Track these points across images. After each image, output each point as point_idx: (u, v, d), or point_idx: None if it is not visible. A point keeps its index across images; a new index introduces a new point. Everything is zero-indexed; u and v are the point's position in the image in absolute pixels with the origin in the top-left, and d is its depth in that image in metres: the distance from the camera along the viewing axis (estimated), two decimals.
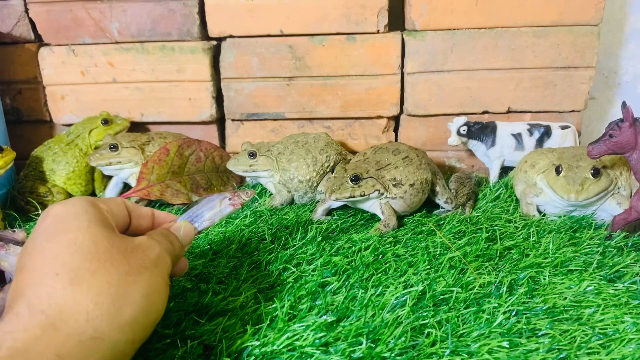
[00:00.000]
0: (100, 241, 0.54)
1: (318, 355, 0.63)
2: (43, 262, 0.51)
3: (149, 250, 0.59)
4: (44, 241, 0.53)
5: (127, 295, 0.52)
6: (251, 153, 1.15)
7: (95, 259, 0.52)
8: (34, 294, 0.48)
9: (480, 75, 1.26)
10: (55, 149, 1.23)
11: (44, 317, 0.47)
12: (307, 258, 0.89)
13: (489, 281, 0.79)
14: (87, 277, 0.50)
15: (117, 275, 0.52)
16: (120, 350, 0.51)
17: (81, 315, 0.48)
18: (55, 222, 0.55)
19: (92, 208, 0.58)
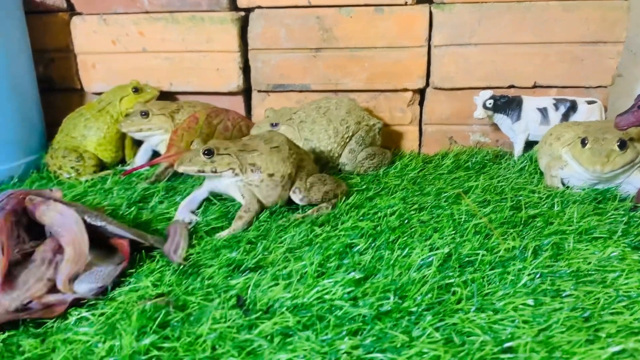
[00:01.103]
0: None
1: (347, 308, 0.66)
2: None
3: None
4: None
5: None
6: (273, 123, 1.17)
7: None
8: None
9: (507, 49, 1.26)
10: (87, 116, 1.26)
11: None
12: (333, 222, 0.91)
13: (513, 246, 0.80)
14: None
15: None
16: None
17: None
18: None
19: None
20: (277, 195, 0.97)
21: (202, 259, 0.80)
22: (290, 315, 0.64)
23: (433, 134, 1.35)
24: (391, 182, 1.10)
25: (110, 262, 0.79)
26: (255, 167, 0.94)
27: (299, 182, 0.97)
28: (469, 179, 1.11)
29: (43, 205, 0.80)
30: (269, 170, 0.95)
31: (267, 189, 0.95)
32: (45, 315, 0.68)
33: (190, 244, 0.86)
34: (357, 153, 1.18)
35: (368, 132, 1.21)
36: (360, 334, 0.62)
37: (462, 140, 1.35)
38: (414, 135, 1.36)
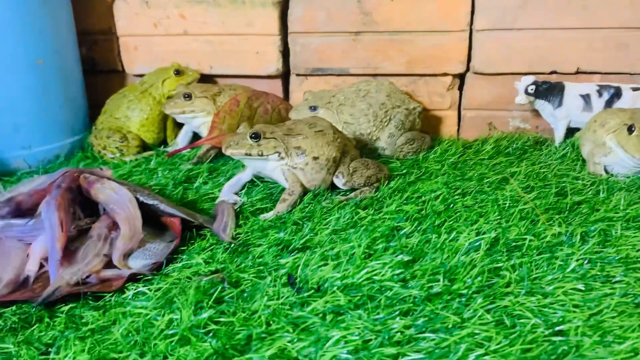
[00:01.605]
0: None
1: (397, 289, 0.67)
2: None
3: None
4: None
5: None
6: (312, 107, 1.17)
7: None
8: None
9: (550, 35, 1.24)
10: (130, 97, 1.29)
11: None
12: (377, 206, 0.92)
13: (559, 232, 0.80)
14: None
15: None
16: None
17: None
18: None
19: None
20: (321, 179, 0.98)
21: (250, 239, 0.82)
22: (341, 295, 0.65)
23: (472, 119, 1.34)
24: (432, 166, 1.11)
25: (162, 240, 0.81)
26: (300, 150, 0.96)
27: (342, 167, 0.98)
28: (510, 165, 1.11)
29: (98, 183, 0.82)
30: (313, 153, 0.96)
31: (311, 172, 0.96)
32: (103, 289, 0.70)
33: (237, 223, 0.87)
34: (396, 138, 1.19)
35: (407, 116, 1.21)
36: (411, 314, 0.63)
37: (502, 126, 1.34)
38: (452, 120, 1.36)
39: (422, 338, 0.59)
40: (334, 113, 1.19)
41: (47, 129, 1.21)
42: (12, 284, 0.71)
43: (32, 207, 0.80)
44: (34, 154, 1.20)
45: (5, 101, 1.13)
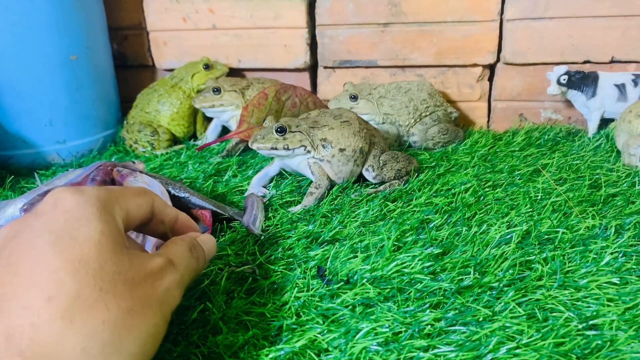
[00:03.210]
0: (108, 264, 0.43)
1: (427, 281, 0.66)
2: (38, 274, 0.40)
3: (159, 281, 0.47)
4: (45, 242, 0.42)
5: (120, 342, 0.41)
6: (353, 96, 1.18)
7: (97, 286, 0.41)
8: (16, 320, 0.38)
9: (583, 23, 1.21)
10: (160, 91, 1.31)
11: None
12: (406, 198, 0.92)
13: (593, 224, 0.79)
14: (83, 311, 0.39)
15: (117, 313, 0.41)
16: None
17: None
18: (64, 220, 0.44)
19: (107, 214, 0.46)
20: (349, 171, 0.98)
21: (280, 231, 0.83)
22: (370, 287, 0.66)
23: (503, 110, 1.32)
24: (461, 158, 1.10)
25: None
26: (326, 142, 0.95)
27: (372, 160, 0.98)
28: (542, 157, 1.09)
29: (130, 176, 0.84)
30: (340, 144, 0.96)
31: (338, 164, 0.96)
32: None
33: (266, 216, 0.88)
34: (428, 126, 1.18)
35: (445, 116, 1.22)
36: (441, 307, 0.63)
37: (533, 117, 1.32)
38: (482, 111, 1.34)
39: (452, 331, 0.58)
40: (374, 104, 1.19)
41: (81, 123, 1.24)
42: None
43: None
44: (68, 148, 1.23)
45: (41, 96, 1.16)
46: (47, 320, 0.38)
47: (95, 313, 0.40)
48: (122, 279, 0.43)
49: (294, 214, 0.89)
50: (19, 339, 0.37)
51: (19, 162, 1.19)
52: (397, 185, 0.97)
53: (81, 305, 0.40)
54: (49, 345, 0.38)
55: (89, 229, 0.44)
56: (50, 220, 0.44)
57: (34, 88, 1.15)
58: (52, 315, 0.38)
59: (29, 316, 0.38)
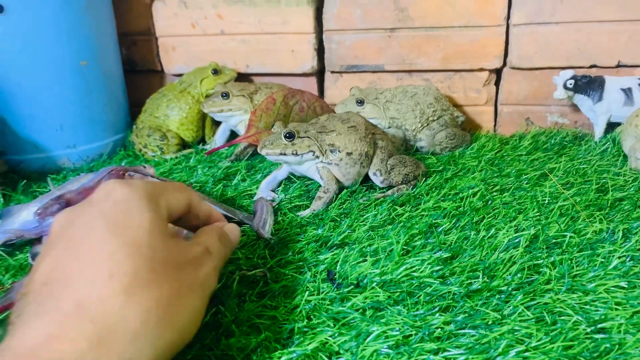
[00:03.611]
0: (159, 249, 0.47)
1: (436, 285, 0.67)
2: (98, 255, 0.45)
3: (200, 267, 0.53)
4: (103, 227, 0.46)
5: (171, 318, 0.46)
6: (359, 100, 1.19)
7: (150, 268, 0.46)
8: (84, 293, 0.42)
9: (589, 28, 1.22)
10: (169, 96, 1.32)
11: (93, 329, 0.41)
12: (414, 202, 0.93)
13: (600, 229, 0.79)
14: (140, 288, 0.44)
15: (168, 292, 0.46)
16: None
17: (127, 333, 0.42)
18: (118, 207, 0.48)
19: (154, 204, 0.51)
20: (356, 173, 0.99)
21: (289, 235, 0.83)
22: (380, 291, 0.66)
23: (509, 114, 1.33)
24: (468, 163, 1.10)
25: None
26: (334, 147, 0.97)
27: (379, 164, 0.99)
28: (549, 161, 1.09)
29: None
30: (347, 149, 0.97)
31: (346, 167, 0.97)
32: None
33: (275, 220, 0.89)
34: (436, 131, 1.19)
35: (452, 120, 1.22)
36: (451, 310, 0.63)
37: (539, 121, 1.32)
38: (489, 115, 1.35)
39: (462, 334, 0.59)
40: (380, 109, 1.20)
41: (91, 128, 1.25)
42: None
43: None
44: (79, 152, 1.24)
45: (51, 102, 1.18)
46: (111, 295, 0.42)
47: (151, 291, 0.45)
48: (170, 263, 0.48)
49: (302, 218, 0.90)
50: (89, 309, 0.41)
51: (29, 167, 1.20)
52: (404, 189, 0.98)
53: (138, 283, 0.44)
54: (114, 316, 0.42)
55: (140, 217, 0.48)
56: (104, 208, 0.48)
57: (45, 93, 1.17)
58: (114, 290, 0.43)
59: (95, 290, 0.42)
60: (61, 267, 0.45)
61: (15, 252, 0.84)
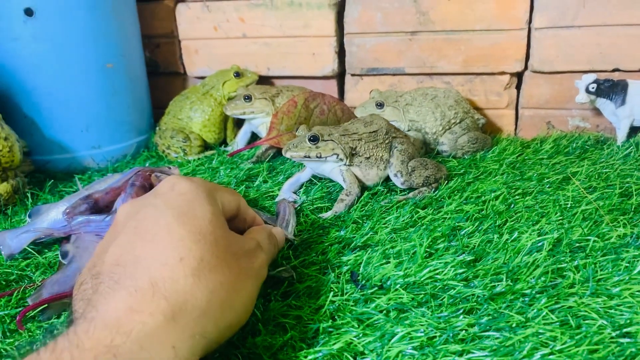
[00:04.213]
0: (220, 238, 0.52)
1: (460, 288, 0.68)
2: (168, 240, 0.49)
3: (254, 258, 0.58)
4: (170, 216, 0.51)
5: (231, 301, 0.51)
6: (379, 103, 1.19)
7: (214, 254, 0.50)
8: (157, 273, 0.46)
9: (613, 31, 1.21)
10: (192, 99, 1.34)
11: (167, 305, 0.45)
12: (436, 205, 0.93)
13: (624, 233, 0.79)
14: (206, 272, 0.48)
15: (229, 277, 0.51)
16: (208, 350, 0.50)
17: (196, 310, 0.46)
18: (182, 199, 0.53)
19: (212, 199, 0.56)
20: (375, 174, 1.01)
21: (312, 236, 0.84)
22: (404, 292, 0.67)
23: (530, 118, 1.33)
24: (490, 166, 1.10)
25: None
26: (355, 151, 0.98)
27: (400, 166, 1.00)
28: (571, 165, 1.09)
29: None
30: (366, 154, 0.99)
31: (365, 168, 0.99)
32: None
33: (298, 221, 0.90)
34: (458, 135, 1.19)
35: (473, 123, 1.23)
36: (474, 313, 0.64)
37: (561, 125, 1.32)
38: (509, 119, 1.34)
39: (486, 336, 0.59)
40: (400, 111, 1.21)
41: (115, 129, 1.27)
42: None
43: (108, 204, 0.85)
44: (103, 153, 1.26)
45: (78, 103, 1.20)
46: (182, 276, 0.47)
47: (215, 275, 0.49)
48: (230, 252, 0.53)
49: (325, 219, 0.91)
50: (163, 287, 0.46)
51: (55, 167, 1.23)
52: (426, 192, 0.98)
53: (205, 267, 0.48)
54: (185, 294, 0.46)
55: (203, 208, 0.53)
56: (170, 199, 0.53)
57: (71, 95, 1.19)
58: (185, 272, 0.47)
59: (167, 271, 0.47)
60: (132, 250, 0.49)
61: (44, 250, 0.86)
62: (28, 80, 1.15)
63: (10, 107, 1.16)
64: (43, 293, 0.71)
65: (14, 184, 1.03)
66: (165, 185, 0.56)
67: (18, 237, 0.84)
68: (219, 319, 0.49)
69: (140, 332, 0.42)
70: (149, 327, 0.43)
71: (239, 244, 0.56)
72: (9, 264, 0.81)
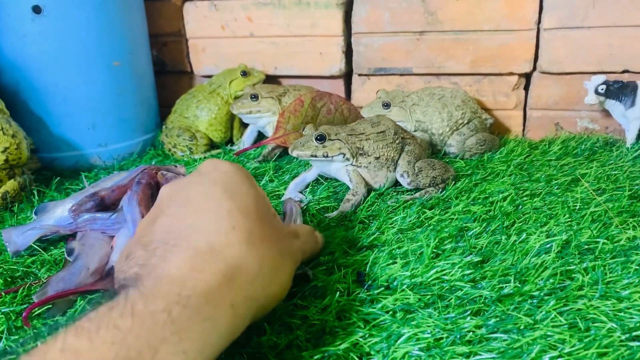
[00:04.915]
0: (264, 216, 0.56)
1: (467, 289, 0.67)
2: (219, 211, 0.52)
3: (292, 242, 0.62)
4: (218, 190, 0.54)
5: (277, 272, 0.55)
6: (385, 103, 1.19)
7: (261, 228, 0.53)
8: (213, 238, 0.49)
9: (622, 32, 1.20)
10: (199, 97, 1.34)
11: (224, 266, 0.47)
12: (443, 206, 0.93)
13: (634, 235, 0.78)
14: (257, 241, 0.51)
15: (274, 251, 0.54)
16: (257, 316, 0.54)
17: (250, 274, 0.49)
18: (227, 177, 0.56)
19: (254, 183, 0.60)
20: (384, 176, 0.99)
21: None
22: (410, 293, 0.66)
23: (538, 119, 1.32)
24: (497, 167, 1.10)
25: None
26: (363, 151, 0.97)
27: (406, 166, 0.99)
28: (579, 166, 1.08)
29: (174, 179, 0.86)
30: (375, 153, 0.97)
31: (374, 170, 0.98)
32: None
33: (304, 221, 0.90)
34: (466, 137, 1.18)
35: (481, 123, 1.22)
36: (482, 314, 0.63)
37: (569, 126, 1.31)
38: (518, 120, 1.34)
39: (493, 338, 0.59)
40: (407, 112, 1.20)
41: (122, 127, 1.28)
42: (98, 273, 0.76)
43: (115, 202, 0.85)
44: (110, 151, 1.26)
45: (85, 101, 1.20)
46: (235, 242, 0.50)
47: (264, 246, 0.52)
48: (274, 230, 0.56)
49: (331, 219, 0.90)
50: (220, 251, 0.48)
51: (62, 164, 1.23)
52: (433, 192, 0.98)
53: (255, 238, 0.51)
54: (240, 259, 0.49)
55: (247, 186, 0.57)
56: (215, 177, 0.56)
57: (79, 93, 1.19)
58: (238, 239, 0.50)
59: (222, 237, 0.50)
60: (183, 220, 0.51)
61: (50, 248, 0.86)
62: (35, 77, 1.15)
63: (18, 104, 1.16)
64: (48, 290, 0.71)
65: (20, 182, 1.03)
66: (207, 165, 0.58)
67: (24, 234, 0.84)
68: (266, 287, 0.52)
69: (204, 288, 0.45)
70: (211, 284, 0.45)
71: (280, 226, 0.60)
72: (15, 261, 0.81)
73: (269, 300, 0.55)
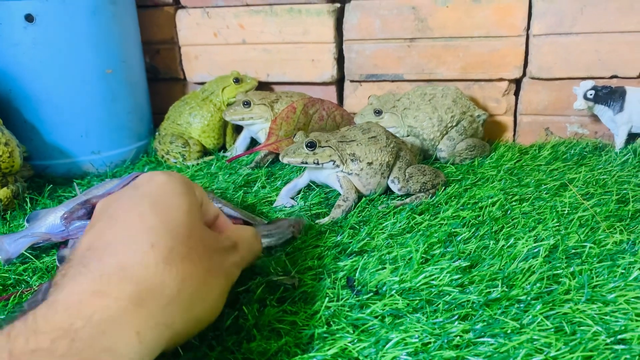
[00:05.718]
0: (194, 230, 0.52)
1: (455, 293, 0.68)
2: (139, 227, 0.49)
3: (227, 257, 0.57)
4: (145, 205, 0.51)
5: (200, 294, 0.50)
6: (377, 111, 1.20)
7: (187, 245, 0.50)
8: (126, 257, 0.46)
9: (611, 38, 1.22)
10: (191, 104, 1.34)
11: (134, 289, 0.44)
12: (433, 211, 0.93)
13: (621, 239, 0.79)
14: (177, 261, 0.48)
15: (200, 269, 0.50)
16: (174, 343, 0.50)
17: (164, 298, 0.46)
18: (159, 190, 0.54)
19: (192, 193, 0.57)
20: (376, 183, 1.00)
21: (309, 241, 0.84)
22: (399, 298, 0.67)
23: (529, 124, 1.33)
24: (487, 172, 1.11)
25: None
26: (354, 157, 0.98)
27: (397, 172, 1.00)
28: (568, 171, 1.09)
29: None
30: (367, 159, 0.98)
31: (366, 177, 0.98)
32: None
33: None
34: (456, 142, 1.19)
35: (471, 123, 1.22)
36: (470, 319, 0.64)
37: (559, 131, 1.32)
38: (508, 125, 1.35)
39: (481, 342, 0.59)
40: (399, 117, 1.21)
41: (115, 134, 1.28)
42: None
43: None
44: (103, 158, 1.27)
45: (78, 109, 1.21)
46: (152, 262, 0.46)
47: (186, 265, 0.48)
48: (203, 245, 0.53)
49: (322, 225, 0.91)
50: (131, 272, 0.45)
51: (55, 172, 1.23)
52: (423, 198, 0.98)
53: (176, 256, 0.48)
54: (154, 280, 0.46)
55: (180, 200, 0.54)
56: (147, 190, 0.54)
57: (72, 101, 1.20)
58: (156, 258, 0.47)
59: (137, 256, 0.46)
60: (104, 235, 0.49)
61: (42, 255, 0.86)
62: (28, 85, 1.16)
63: (11, 112, 1.16)
64: (39, 298, 0.71)
65: (13, 189, 1.03)
66: (143, 178, 0.57)
67: (16, 241, 0.84)
68: (186, 311, 0.48)
69: (103, 316, 0.41)
70: (112, 311, 0.42)
71: (212, 240, 0.56)
72: (7, 269, 0.82)
73: (190, 325, 0.50)
